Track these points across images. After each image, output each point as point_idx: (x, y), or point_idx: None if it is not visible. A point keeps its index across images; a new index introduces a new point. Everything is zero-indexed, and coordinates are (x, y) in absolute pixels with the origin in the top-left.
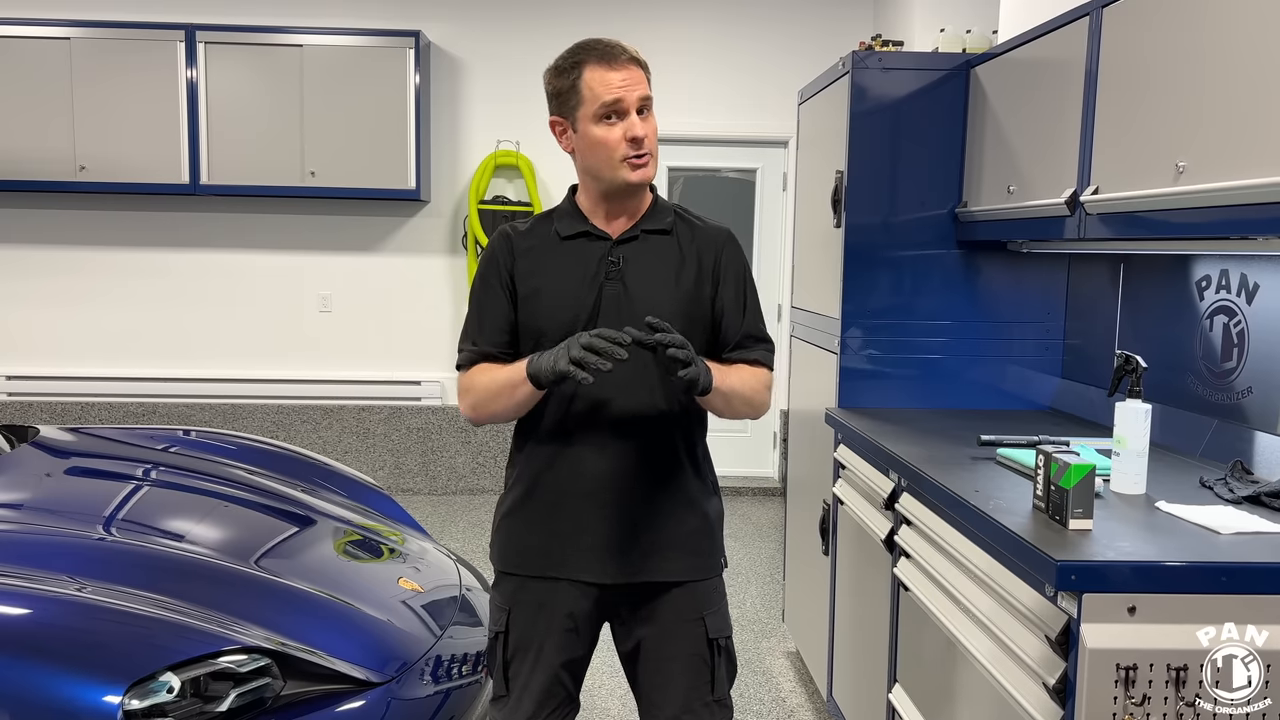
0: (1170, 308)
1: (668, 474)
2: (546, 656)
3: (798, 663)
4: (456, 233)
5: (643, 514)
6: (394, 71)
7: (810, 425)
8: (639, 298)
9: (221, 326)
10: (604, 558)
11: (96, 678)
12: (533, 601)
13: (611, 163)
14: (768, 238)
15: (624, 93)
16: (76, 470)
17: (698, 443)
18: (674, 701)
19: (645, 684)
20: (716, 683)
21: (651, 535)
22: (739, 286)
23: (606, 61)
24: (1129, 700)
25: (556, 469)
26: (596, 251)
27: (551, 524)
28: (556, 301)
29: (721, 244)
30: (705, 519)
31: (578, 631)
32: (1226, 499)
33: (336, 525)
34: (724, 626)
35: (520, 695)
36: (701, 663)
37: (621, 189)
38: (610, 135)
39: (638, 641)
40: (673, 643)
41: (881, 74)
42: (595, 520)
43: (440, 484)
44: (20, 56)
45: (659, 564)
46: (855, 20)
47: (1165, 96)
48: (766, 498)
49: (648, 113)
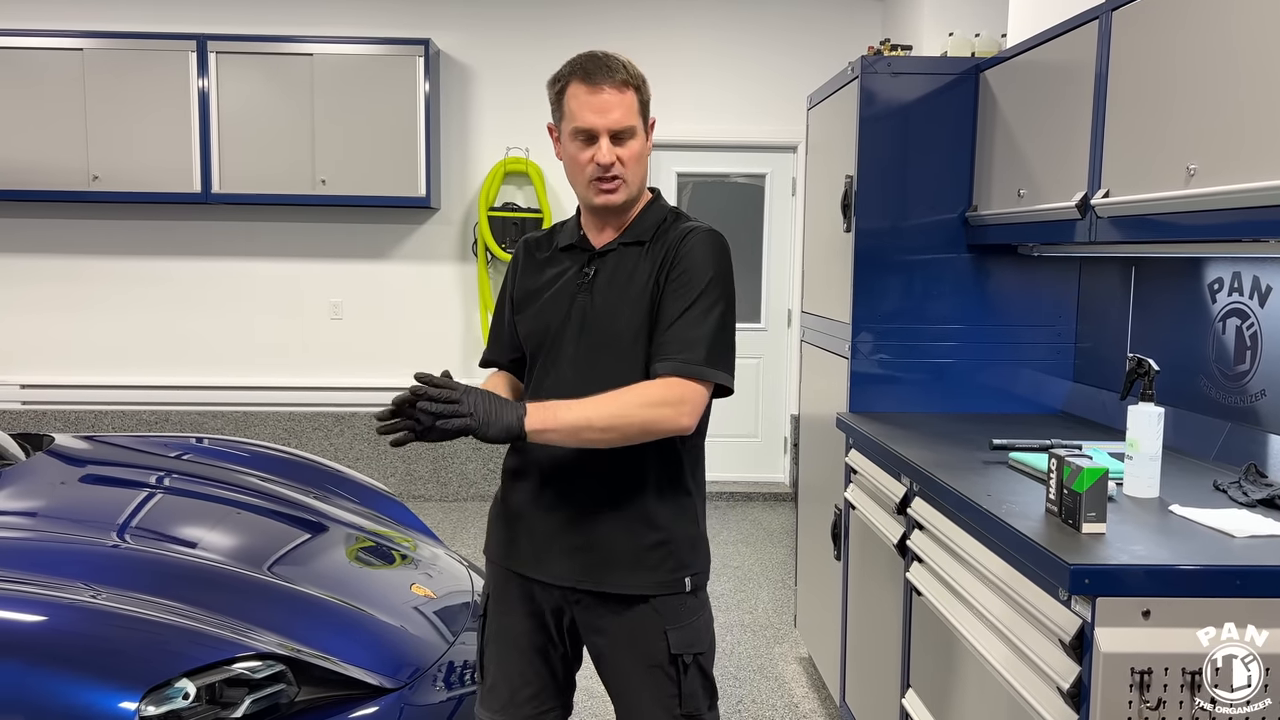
0: (1182, 311)
1: (626, 487)
2: (517, 642)
3: (810, 668)
4: (466, 240)
5: (597, 523)
6: (404, 80)
7: (821, 430)
8: (601, 311)
9: (233, 334)
10: (558, 561)
11: (113, 684)
12: (507, 590)
13: (580, 181)
14: (777, 243)
15: (596, 120)
16: (91, 478)
17: (665, 457)
18: (641, 712)
19: (612, 692)
20: (685, 698)
21: (605, 546)
22: (683, 284)
23: (588, 83)
24: (1144, 704)
25: (524, 471)
26: (579, 263)
27: (517, 522)
28: (539, 311)
29: (679, 240)
30: (665, 537)
31: (543, 622)
32: (1240, 502)
33: (349, 531)
34: (693, 643)
35: (496, 679)
36: (664, 676)
37: (597, 210)
38: (581, 156)
39: (600, 650)
40: (631, 653)
41: (890, 78)
42: (551, 524)
43: (451, 490)
44: (34, 68)
45: (611, 575)
46: (864, 25)
47: (1175, 99)
48: (778, 503)
49: (629, 139)
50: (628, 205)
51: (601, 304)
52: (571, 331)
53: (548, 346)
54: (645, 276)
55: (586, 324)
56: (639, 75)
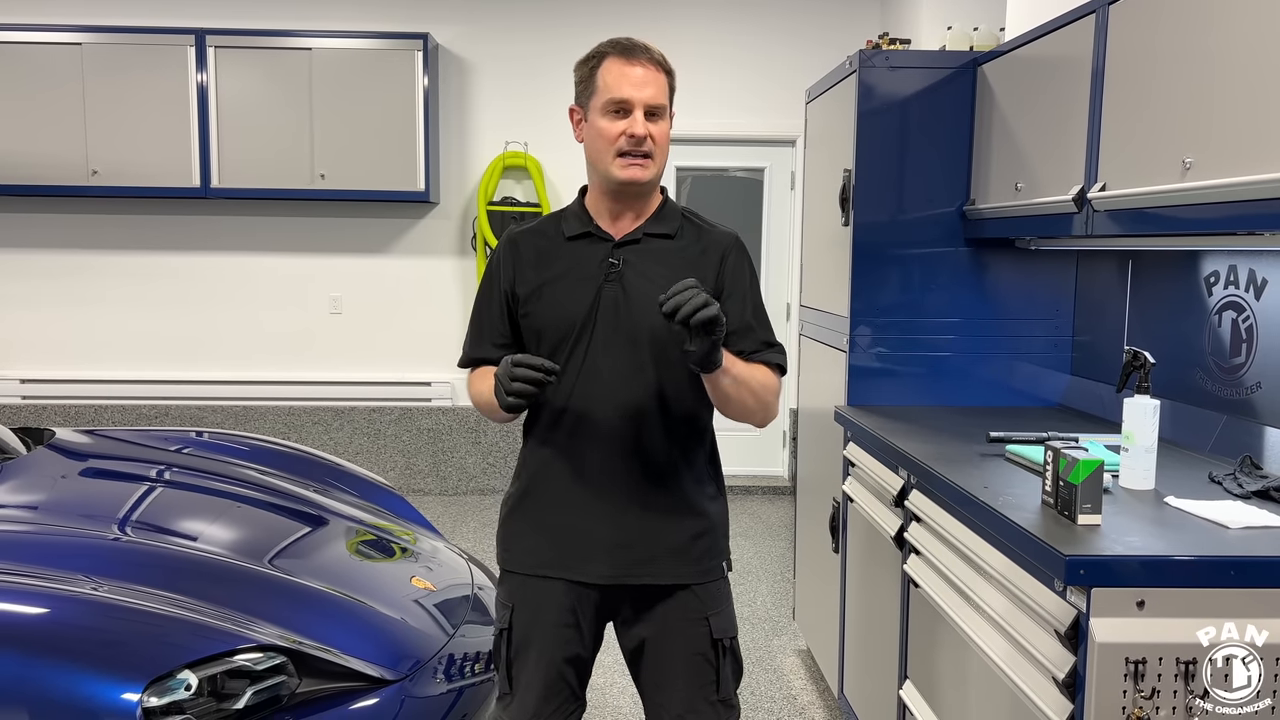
0: (1179, 304)
1: (666, 477)
2: (548, 654)
3: (808, 660)
4: (465, 234)
5: (639, 517)
6: (402, 73)
7: (819, 423)
8: (637, 301)
9: (233, 329)
10: (600, 559)
11: (115, 676)
12: (534, 599)
13: (607, 155)
14: (775, 236)
15: (633, 91)
16: (91, 472)
17: (699, 446)
18: (678, 701)
19: (649, 683)
20: (721, 683)
21: (648, 538)
22: (748, 293)
23: (625, 56)
24: (1138, 694)
25: (554, 469)
26: (598, 253)
27: (549, 524)
28: (556, 302)
29: (727, 248)
30: (706, 523)
31: (579, 630)
32: (1235, 494)
33: (349, 525)
34: (729, 627)
35: (524, 693)
36: (705, 662)
37: (615, 186)
38: (611, 128)
39: (640, 641)
40: (675, 642)
41: (889, 72)
42: (591, 522)
43: (451, 484)
44: (33, 62)
45: (656, 567)
46: (862, 19)
47: (1172, 93)
48: (776, 496)
49: (660, 119)
50: (650, 187)
51: (636, 294)
52: (604, 322)
53: (574, 337)
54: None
55: (620, 315)
56: (667, 62)
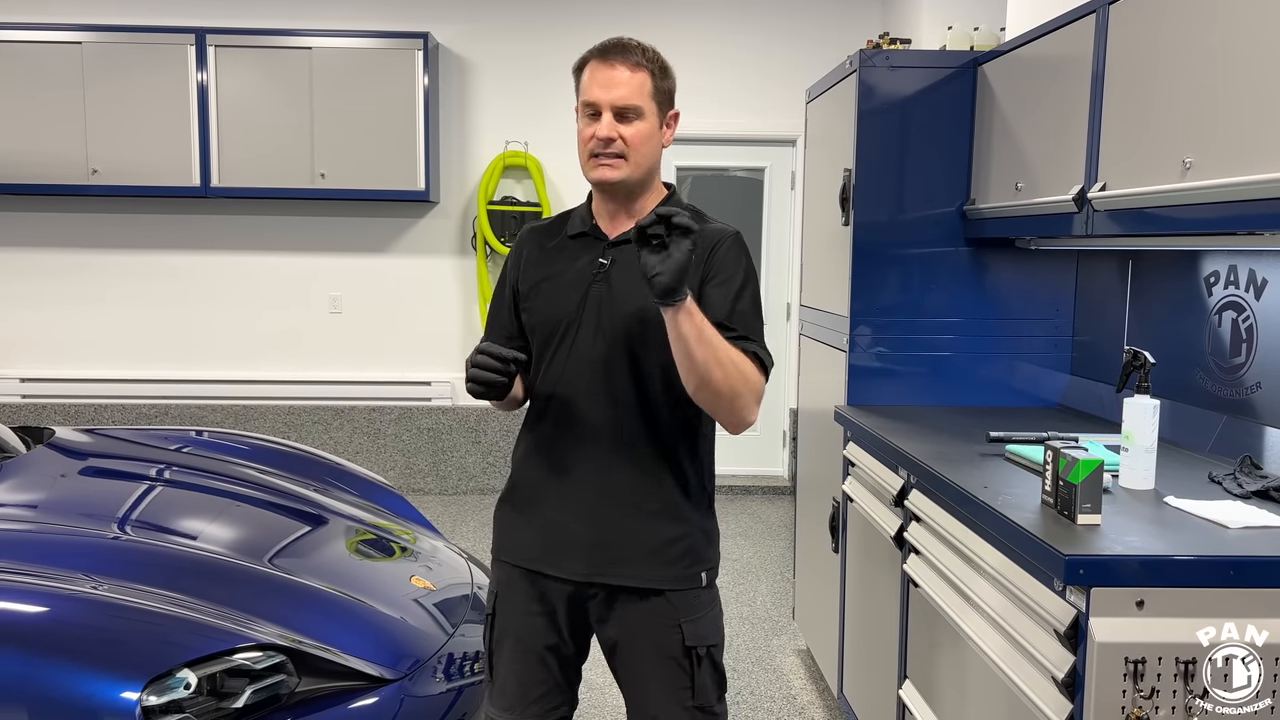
0: (1179, 304)
1: (648, 479)
2: (525, 642)
3: (808, 660)
4: (466, 233)
5: (616, 518)
6: (403, 73)
7: (819, 423)
8: (620, 300)
9: (232, 328)
10: (576, 555)
11: (115, 674)
12: (516, 588)
13: (583, 156)
14: (776, 236)
15: (601, 93)
16: (91, 471)
17: (685, 450)
18: (653, 703)
19: (624, 684)
20: (698, 689)
21: (625, 538)
22: (730, 285)
23: (602, 58)
24: (1138, 694)
25: (538, 464)
26: (592, 252)
27: (530, 517)
28: (549, 299)
29: (716, 242)
30: (685, 529)
31: (554, 621)
32: (1235, 494)
33: (349, 524)
34: (707, 636)
35: (503, 680)
36: (678, 667)
37: (595, 186)
38: (585, 130)
39: (614, 642)
40: (645, 645)
41: (889, 72)
42: (567, 518)
43: (451, 484)
44: (33, 61)
45: (630, 568)
46: (863, 18)
47: (1172, 92)
48: (776, 496)
49: (635, 119)
50: (628, 186)
51: (621, 294)
52: (588, 321)
53: (560, 335)
54: None
55: (603, 313)
56: (659, 61)
